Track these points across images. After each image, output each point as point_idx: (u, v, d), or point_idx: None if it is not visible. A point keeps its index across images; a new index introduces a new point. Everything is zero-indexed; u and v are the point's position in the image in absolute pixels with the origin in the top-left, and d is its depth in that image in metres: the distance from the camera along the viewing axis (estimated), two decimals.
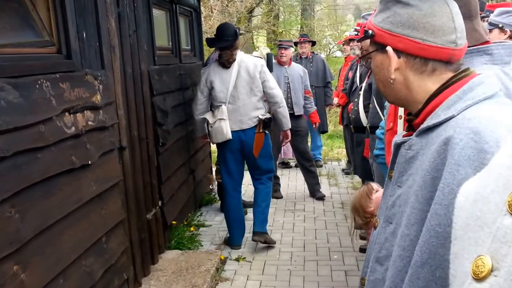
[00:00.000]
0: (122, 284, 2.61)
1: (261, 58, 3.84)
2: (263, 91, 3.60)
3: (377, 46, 1.01)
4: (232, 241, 3.84)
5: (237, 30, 3.56)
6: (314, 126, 5.46)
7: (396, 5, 0.97)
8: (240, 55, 3.56)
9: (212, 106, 3.62)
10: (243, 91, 3.53)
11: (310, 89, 5.24)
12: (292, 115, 4.45)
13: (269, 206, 3.88)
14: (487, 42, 1.43)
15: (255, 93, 3.56)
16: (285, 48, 4.95)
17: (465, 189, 0.57)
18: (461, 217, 0.55)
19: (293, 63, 5.12)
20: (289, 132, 3.86)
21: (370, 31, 1.02)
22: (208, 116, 3.59)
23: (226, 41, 3.46)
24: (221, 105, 3.54)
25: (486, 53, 1.43)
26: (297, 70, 5.05)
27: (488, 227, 0.48)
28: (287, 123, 3.77)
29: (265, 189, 3.79)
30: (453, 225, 0.57)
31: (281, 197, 5.09)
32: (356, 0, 17.05)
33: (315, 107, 5.39)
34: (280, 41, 5.30)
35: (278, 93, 3.64)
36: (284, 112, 3.70)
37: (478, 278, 0.46)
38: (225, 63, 3.49)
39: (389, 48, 0.97)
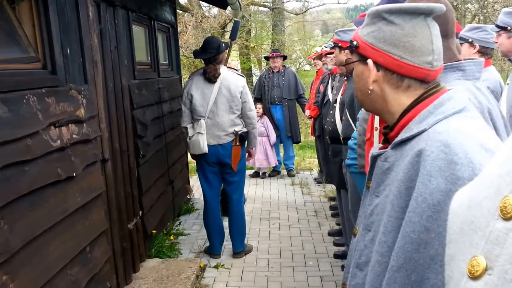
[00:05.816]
0: None
1: (243, 76, 3.85)
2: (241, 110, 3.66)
3: (360, 57, 1.06)
4: (212, 249, 3.88)
5: (221, 44, 3.57)
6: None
7: (381, 21, 1.01)
8: (223, 71, 3.58)
9: (192, 119, 3.65)
10: (222, 107, 3.56)
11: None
12: None
13: (245, 223, 3.94)
14: (459, 60, 1.52)
15: (233, 111, 3.60)
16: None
17: (459, 196, 0.60)
18: (456, 222, 0.57)
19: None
20: (252, 151, 3.98)
21: (355, 42, 1.06)
22: (188, 128, 3.65)
23: (210, 53, 3.51)
24: (200, 119, 3.57)
25: (459, 69, 1.53)
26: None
27: (482, 230, 0.50)
28: (255, 143, 3.90)
29: (240, 211, 3.85)
30: (447, 229, 0.59)
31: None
32: (323, 16, 17.59)
33: None
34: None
35: (254, 115, 3.72)
36: (256, 133, 3.81)
37: (474, 277, 0.49)
38: (211, 78, 3.52)
39: (369, 61, 1.02)
